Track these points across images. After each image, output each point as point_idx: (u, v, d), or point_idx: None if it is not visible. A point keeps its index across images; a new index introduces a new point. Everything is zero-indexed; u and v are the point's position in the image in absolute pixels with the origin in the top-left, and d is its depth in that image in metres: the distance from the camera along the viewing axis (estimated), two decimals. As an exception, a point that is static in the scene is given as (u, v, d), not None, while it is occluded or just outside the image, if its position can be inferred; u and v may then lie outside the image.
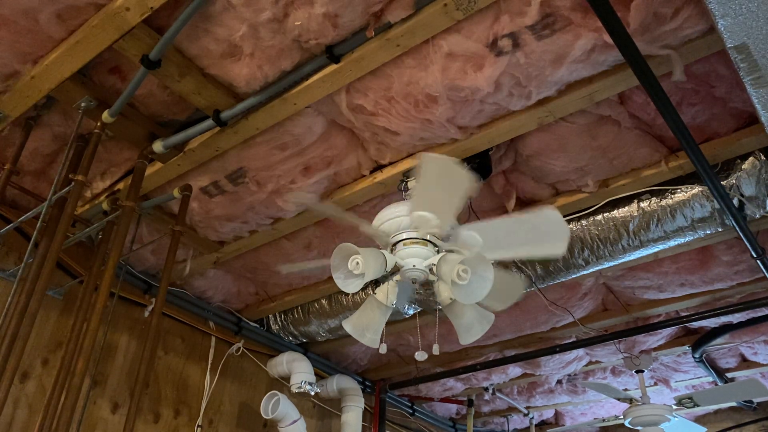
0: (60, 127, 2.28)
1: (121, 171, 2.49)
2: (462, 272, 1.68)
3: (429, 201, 1.74)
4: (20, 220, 2.28)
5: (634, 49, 1.64)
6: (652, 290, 3.07)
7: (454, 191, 1.69)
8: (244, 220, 2.67)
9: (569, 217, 2.54)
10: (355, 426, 3.70)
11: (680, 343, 3.68)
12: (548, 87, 1.94)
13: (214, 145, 2.23)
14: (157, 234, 2.76)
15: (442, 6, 1.69)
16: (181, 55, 1.91)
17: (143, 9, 1.69)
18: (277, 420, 3.18)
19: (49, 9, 1.76)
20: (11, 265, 2.50)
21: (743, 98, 2.00)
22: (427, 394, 4.52)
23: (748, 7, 1.41)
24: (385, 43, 1.81)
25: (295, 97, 2.00)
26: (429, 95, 2.01)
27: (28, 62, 1.94)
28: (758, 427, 4.66)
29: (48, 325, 2.58)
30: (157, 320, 2.20)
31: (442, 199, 1.70)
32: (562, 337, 3.58)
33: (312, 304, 3.32)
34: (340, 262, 1.77)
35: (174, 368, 3.06)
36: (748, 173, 2.17)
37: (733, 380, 4.02)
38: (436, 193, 1.69)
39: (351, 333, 1.92)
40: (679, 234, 2.36)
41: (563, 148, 2.26)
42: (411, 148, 2.27)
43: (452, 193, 1.69)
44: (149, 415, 2.87)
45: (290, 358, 3.47)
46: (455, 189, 1.68)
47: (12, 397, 2.35)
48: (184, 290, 3.14)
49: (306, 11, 1.73)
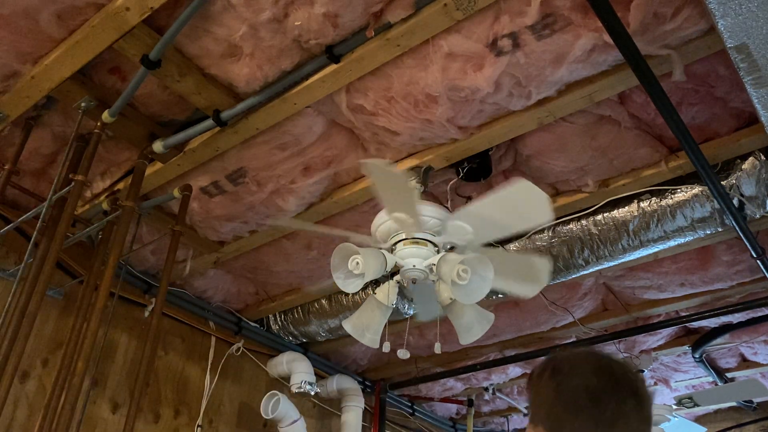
0: (60, 127, 2.28)
1: (121, 171, 2.48)
2: (462, 272, 1.68)
3: (483, 217, 1.75)
4: (20, 220, 2.28)
5: (634, 49, 1.64)
6: (652, 290, 3.07)
7: (521, 222, 1.72)
8: (244, 220, 2.67)
9: (569, 217, 2.54)
10: (355, 426, 3.70)
11: (680, 343, 3.68)
12: (548, 87, 1.94)
13: (214, 145, 2.23)
14: (157, 234, 2.76)
15: (442, 6, 1.69)
16: (181, 55, 1.91)
17: (143, 9, 1.69)
18: (277, 420, 3.18)
19: (49, 9, 1.75)
20: (11, 265, 2.50)
21: (743, 98, 1.99)
22: (427, 394, 4.52)
23: (748, 7, 1.41)
24: (385, 43, 1.81)
25: (295, 97, 2.00)
26: (429, 95, 2.01)
27: (28, 62, 1.94)
28: (758, 427, 4.66)
29: (48, 325, 2.57)
30: (157, 320, 2.20)
31: (501, 222, 1.73)
32: (562, 337, 3.58)
33: (312, 304, 3.32)
34: (340, 262, 1.77)
35: (174, 368, 3.06)
36: (748, 173, 2.17)
37: (733, 380, 4.02)
38: (499, 213, 1.71)
39: (351, 333, 1.92)
40: (679, 234, 2.36)
41: (563, 148, 2.26)
42: (411, 148, 2.27)
43: (516, 222, 1.72)
44: (149, 415, 2.87)
45: (290, 358, 3.47)
46: (523, 220, 1.72)
47: (12, 397, 2.34)
48: (184, 290, 3.14)
49: (306, 11, 1.73)
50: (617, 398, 0.99)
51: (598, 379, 1.01)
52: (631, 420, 0.98)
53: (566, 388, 1.02)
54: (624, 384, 1.01)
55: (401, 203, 1.76)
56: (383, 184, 1.71)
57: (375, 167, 1.64)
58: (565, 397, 1.01)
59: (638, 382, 1.03)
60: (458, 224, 1.78)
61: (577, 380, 1.02)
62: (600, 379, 1.01)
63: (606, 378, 1.01)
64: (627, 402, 0.99)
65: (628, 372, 1.03)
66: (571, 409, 1.00)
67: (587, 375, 1.02)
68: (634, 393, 1.00)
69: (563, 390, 1.02)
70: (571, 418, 0.99)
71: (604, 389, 0.99)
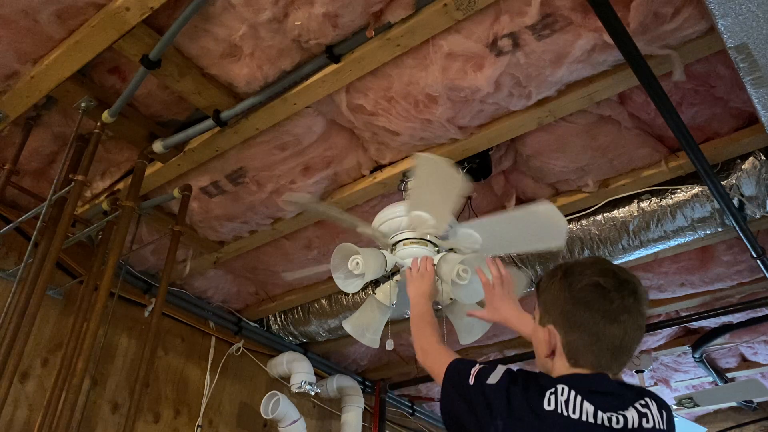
0: (60, 127, 2.28)
1: (121, 171, 2.48)
2: (462, 272, 1.68)
3: (424, 201, 1.73)
4: (20, 220, 2.28)
5: (634, 49, 1.64)
6: (652, 290, 3.07)
7: (448, 192, 1.68)
8: (244, 220, 2.67)
9: (569, 217, 2.54)
10: (355, 426, 3.70)
11: (680, 343, 3.69)
12: (548, 87, 1.94)
13: (214, 145, 2.23)
14: (157, 234, 2.76)
15: (442, 6, 1.69)
16: (181, 55, 1.91)
17: (143, 9, 1.69)
18: (277, 420, 3.18)
19: (49, 9, 1.75)
20: (11, 265, 2.50)
21: (743, 98, 1.99)
22: (427, 394, 4.52)
23: (748, 7, 1.41)
24: (385, 43, 1.81)
25: (295, 97, 2.00)
26: (429, 95, 2.01)
27: (28, 62, 1.94)
28: (758, 427, 4.66)
29: (48, 325, 2.57)
30: (157, 320, 2.20)
31: (437, 199, 1.70)
32: (562, 337, 3.58)
33: (312, 304, 3.32)
34: (340, 262, 1.77)
35: (174, 368, 3.06)
36: (748, 173, 2.17)
37: (733, 380, 4.02)
38: (430, 193, 1.69)
39: (351, 333, 1.92)
40: (679, 234, 2.36)
41: (563, 148, 2.26)
42: (411, 148, 2.27)
43: (446, 194, 1.69)
44: (149, 415, 2.87)
45: (290, 358, 3.47)
46: (449, 190, 1.68)
47: (12, 397, 2.34)
48: (184, 290, 3.14)
49: (306, 11, 1.73)
50: (621, 295, 1.13)
51: (605, 278, 1.15)
52: (632, 314, 1.13)
53: (577, 286, 1.16)
54: (626, 283, 1.15)
55: (436, 203, 1.73)
56: (428, 179, 1.68)
57: (427, 160, 1.63)
58: (576, 294, 1.16)
59: (638, 284, 1.17)
60: (468, 232, 1.78)
61: (587, 279, 1.16)
62: (606, 279, 1.14)
63: (612, 278, 1.15)
64: (628, 299, 1.13)
65: (629, 275, 1.18)
66: (582, 304, 1.14)
67: (595, 275, 1.16)
68: (634, 292, 1.15)
69: (574, 288, 1.16)
70: (582, 311, 1.14)
71: (610, 287, 1.13)
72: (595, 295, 1.14)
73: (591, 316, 1.13)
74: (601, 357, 1.13)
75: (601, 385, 1.11)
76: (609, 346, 1.12)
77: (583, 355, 1.14)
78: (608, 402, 1.08)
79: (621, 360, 1.15)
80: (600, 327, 1.12)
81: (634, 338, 1.14)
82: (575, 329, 1.15)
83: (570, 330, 1.15)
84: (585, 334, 1.13)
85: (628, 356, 1.16)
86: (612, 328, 1.12)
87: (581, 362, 1.14)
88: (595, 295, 1.14)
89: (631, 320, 1.13)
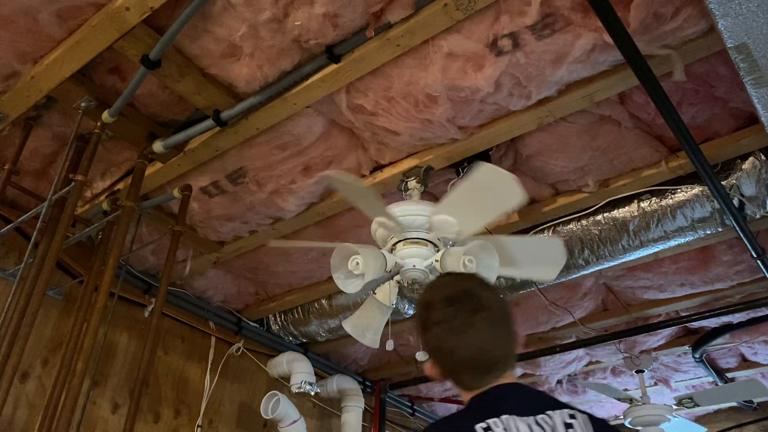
0: (60, 127, 2.28)
1: (121, 171, 2.49)
2: (468, 262, 1.69)
3: (462, 206, 1.73)
4: (20, 220, 2.28)
5: (634, 49, 1.64)
6: (652, 290, 3.07)
7: (498, 205, 1.71)
8: (244, 220, 2.67)
9: (569, 217, 2.54)
10: (355, 426, 3.70)
11: (680, 343, 3.69)
12: (548, 87, 1.94)
13: (214, 145, 2.23)
14: (157, 234, 2.76)
15: (442, 6, 1.69)
16: (181, 55, 1.91)
17: (143, 9, 1.69)
18: (277, 420, 3.18)
19: (49, 9, 1.75)
20: (11, 265, 2.50)
21: (743, 98, 1.99)
22: (427, 394, 4.52)
23: (748, 7, 1.41)
24: (385, 43, 1.81)
25: (295, 97, 2.00)
26: (429, 95, 2.01)
27: (28, 62, 1.94)
28: (758, 427, 4.66)
29: (48, 325, 2.57)
30: (157, 320, 2.20)
31: (480, 209, 1.71)
32: (562, 337, 3.58)
33: (312, 304, 3.32)
34: (340, 262, 1.77)
35: (174, 368, 3.06)
36: (748, 173, 2.17)
37: (733, 380, 4.02)
38: (476, 201, 1.69)
39: (351, 333, 1.92)
40: (679, 234, 2.36)
41: (563, 148, 2.26)
42: (411, 148, 2.27)
43: (494, 207, 1.71)
44: (149, 415, 2.87)
45: (290, 358, 3.47)
46: (501, 204, 1.70)
47: (12, 397, 2.34)
48: (184, 290, 3.14)
49: (306, 11, 1.73)
50: (466, 311, 1.19)
51: (445, 296, 1.23)
52: (481, 330, 1.19)
53: (422, 308, 1.25)
54: (473, 299, 1.21)
55: (374, 209, 1.77)
56: (350, 195, 1.72)
57: (336, 181, 1.65)
58: (422, 317, 1.25)
59: (486, 297, 1.22)
60: (442, 218, 1.79)
61: (428, 298, 1.25)
62: (446, 296, 1.23)
63: (453, 294, 1.23)
64: (477, 314, 1.18)
65: (477, 288, 1.25)
66: (427, 324, 1.24)
67: (440, 294, 1.24)
68: (484, 307, 1.19)
69: (421, 311, 1.26)
70: (428, 330, 1.24)
71: (454, 302, 1.20)
72: (439, 315, 1.22)
73: (436, 333, 1.23)
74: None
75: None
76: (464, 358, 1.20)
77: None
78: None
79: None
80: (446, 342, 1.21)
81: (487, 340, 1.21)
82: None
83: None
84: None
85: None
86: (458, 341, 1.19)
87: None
88: (439, 313, 1.22)
89: (479, 335, 1.19)
